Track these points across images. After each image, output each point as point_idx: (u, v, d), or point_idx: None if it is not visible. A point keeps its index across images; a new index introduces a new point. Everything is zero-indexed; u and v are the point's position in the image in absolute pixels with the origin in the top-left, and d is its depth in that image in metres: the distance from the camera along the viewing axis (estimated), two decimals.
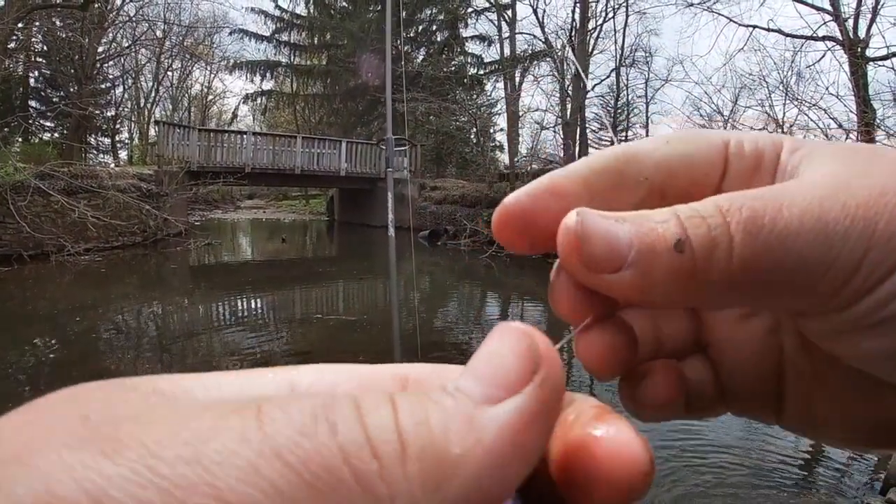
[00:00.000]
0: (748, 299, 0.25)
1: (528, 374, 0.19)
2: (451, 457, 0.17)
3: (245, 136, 22.05)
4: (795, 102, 16.18)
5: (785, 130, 16.48)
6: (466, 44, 31.69)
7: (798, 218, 0.23)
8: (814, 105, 14.48)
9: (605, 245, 0.24)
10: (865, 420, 0.29)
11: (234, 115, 42.94)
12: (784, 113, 19.22)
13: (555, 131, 22.18)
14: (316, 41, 34.84)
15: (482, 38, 31.20)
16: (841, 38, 13.97)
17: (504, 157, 28.79)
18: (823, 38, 14.74)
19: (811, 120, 14.53)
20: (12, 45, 17.53)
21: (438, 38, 31.26)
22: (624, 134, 39.61)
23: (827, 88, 15.13)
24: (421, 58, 31.01)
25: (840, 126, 14.06)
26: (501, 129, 29.56)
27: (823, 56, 15.46)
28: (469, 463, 0.17)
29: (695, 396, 0.31)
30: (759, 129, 20.00)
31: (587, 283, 0.26)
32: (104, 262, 12.91)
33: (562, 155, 19.61)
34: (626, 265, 0.24)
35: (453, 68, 29.75)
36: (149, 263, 14.43)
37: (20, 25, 16.55)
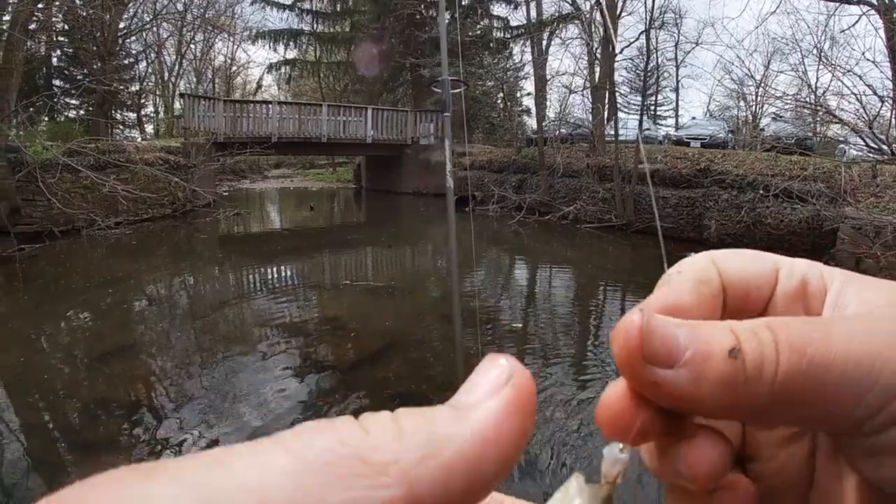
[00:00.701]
0: (789, 415, 0.26)
1: (504, 382, 0.23)
2: (440, 433, 0.21)
3: (270, 106, 22.06)
4: (829, 68, 15.56)
5: (818, 96, 16.06)
6: (492, 7, 31.03)
7: (842, 345, 0.25)
8: (848, 71, 14.00)
9: (664, 341, 0.26)
10: None
11: (259, 86, 43.02)
12: (818, 78, 18.76)
13: (583, 95, 21.67)
14: (338, 7, 34.49)
15: (508, 1, 30.54)
16: (876, 3, 13.43)
17: (531, 122, 28.45)
18: (858, 2, 14.15)
19: (845, 86, 14.07)
20: (33, 26, 17.48)
21: (464, 2, 30.69)
22: (654, 98, 38.99)
23: (863, 54, 14.75)
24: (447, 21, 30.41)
25: (875, 93, 13.58)
26: (529, 94, 28.95)
27: (858, 20, 14.74)
28: (457, 439, 0.21)
29: None
30: (793, 95, 19.63)
31: (641, 380, 0.27)
32: (135, 235, 13.02)
33: (590, 119, 19.20)
34: (682, 363, 0.26)
35: (479, 32, 29.27)
36: (178, 234, 14.53)
37: (40, 6, 16.48)
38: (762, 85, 25.51)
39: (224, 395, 5.27)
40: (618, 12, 17.69)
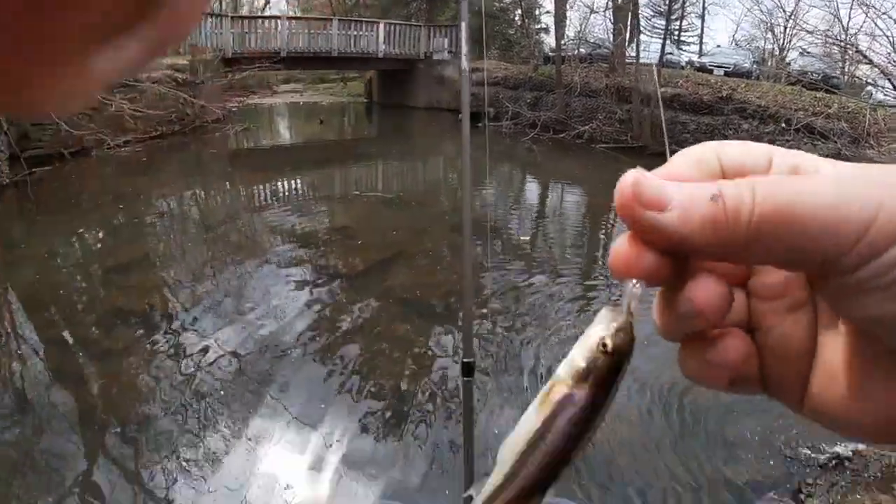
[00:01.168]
0: (768, 252, 0.29)
1: None
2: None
3: (279, 21, 21.53)
4: (864, 7, 15.00)
5: (849, 35, 15.43)
6: None
7: (815, 185, 0.28)
8: (883, 14, 13.39)
9: (656, 189, 0.30)
10: (879, 415, 0.31)
11: (267, 1, 41.87)
12: (850, 17, 18.01)
13: (605, 15, 20.92)
14: None
15: None
16: None
17: (550, 40, 27.57)
18: None
19: (878, 28, 13.48)
20: None
21: None
22: (679, 23, 37.54)
23: None
24: None
25: None
26: (548, 12, 27.99)
27: None
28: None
29: (741, 373, 0.34)
30: (823, 31, 18.90)
31: (639, 223, 0.30)
32: (144, 152, 12.98)
33: (611, 40, 18.56)
34: (671, 207, 0.29)
35: None
36: (188, 150, 14.45)
37: None
38: (792, 18, 24.66)
39: (237, 303, 5.38)
40: None
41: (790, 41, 30.27)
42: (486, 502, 0.36)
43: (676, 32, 38.04)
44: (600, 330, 0.32)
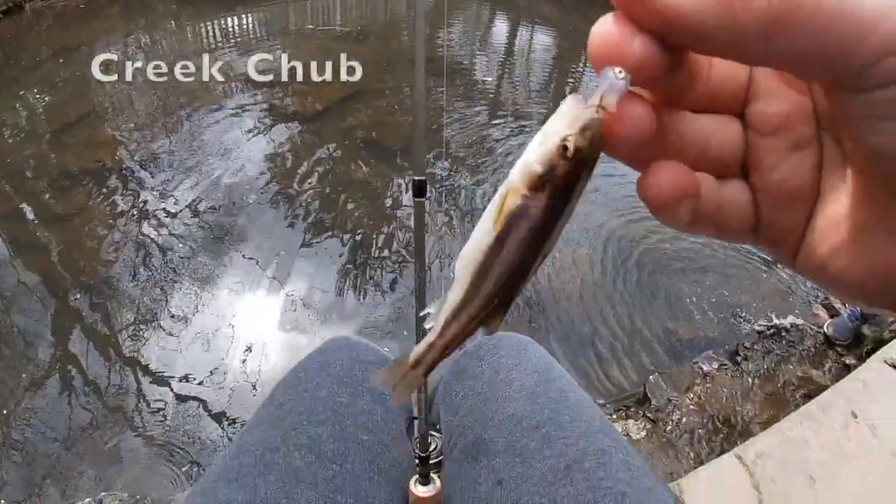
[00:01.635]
0: (785, 46, 0.24)
1: None
2: None
3: None
4: None
5: None
6: None
7: None
8: None
9: None
10: (877, 272, 0.28)
11: None
12: None
13: None
14: None
15: None
16: None
17: None
18: None
19: None
20: None
21: None
22: None
23: None
24: None
25: None
26: None
27: None
28: None
29: (729, 218, 0.32)
30: None
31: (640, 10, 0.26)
32: (81, 0, 12.11)
33: None
34: None
35: None
36: None
37: None
38: None
39: (192, 153, 5.20)
40: None
41: None
42: (445, 322, 0.34)
43: None
44: (562, 128, 0.28)
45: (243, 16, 10.17)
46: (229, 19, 9.90)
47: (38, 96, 6.89)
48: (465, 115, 6.04)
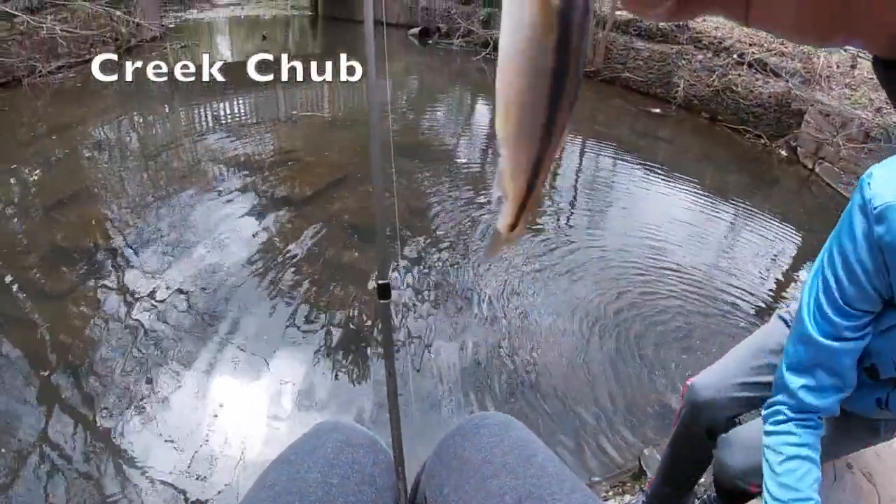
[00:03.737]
0: None
1: None
2: None
3: None
4: None
5: None
6: None
7: None
8: None
9: None
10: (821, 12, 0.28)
11: None
12: None
13: None
14: None
15: None
16: None
17: None
18: None
19: None
20: None
21: None
22: None
23: None
24: None
25: None
26: None
27: None
28: None
29: None
30: None
31: None
32: (79, 78, 12.33)
33: None
34: None
35: None
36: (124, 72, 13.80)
37: None
38: None
39: (180, 235, 5.29)
40: None
41: None
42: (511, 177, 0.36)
43: None
44: None
45: (235, 101, 10.47)
46: (221, 104, 10.19)
47: (31, 171, 6.98)
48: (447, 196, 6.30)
